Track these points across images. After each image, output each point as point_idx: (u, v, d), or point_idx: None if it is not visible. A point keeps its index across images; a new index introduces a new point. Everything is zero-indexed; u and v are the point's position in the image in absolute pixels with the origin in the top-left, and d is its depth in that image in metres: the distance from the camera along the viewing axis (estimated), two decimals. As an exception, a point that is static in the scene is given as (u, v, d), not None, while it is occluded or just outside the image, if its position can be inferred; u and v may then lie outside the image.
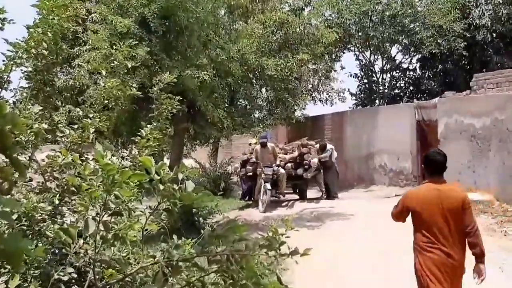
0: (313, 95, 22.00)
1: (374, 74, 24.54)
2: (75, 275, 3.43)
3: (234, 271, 2.73)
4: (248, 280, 2.71)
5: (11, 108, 4.34)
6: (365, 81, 25.23)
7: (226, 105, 12.20)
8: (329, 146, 16.30)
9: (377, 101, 24.40)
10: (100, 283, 3.20)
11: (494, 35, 20.72)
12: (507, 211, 11.59)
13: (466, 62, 22.81)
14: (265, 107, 14.59)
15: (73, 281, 3.44)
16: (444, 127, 14.71)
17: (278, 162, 15.11)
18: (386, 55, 23.61)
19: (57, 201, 3.93)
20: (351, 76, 25.23)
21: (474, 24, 20.40)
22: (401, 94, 25.19)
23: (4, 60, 4.49)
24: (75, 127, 4.49)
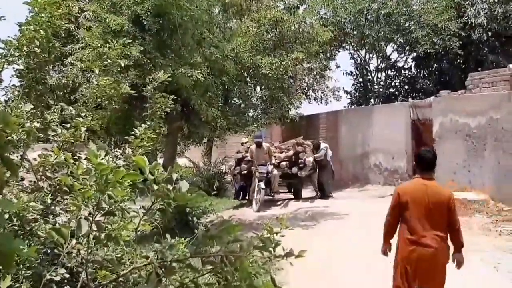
0: (308, 94, 22.07)
1: (369, 73, 24.57)
2: (67, 276, 3.42)
3: (228, 272, 2.73)
4: (242, 282, 2.72)
5: (3, 107, 4.39)
6: (360, 80, 25.27)
7: (220, 104, 12.20)
8: (323, 145, 16.23)
9: (372, 100, 24.45)
10: (93, 284, 3.20)
11: (490, 34, 20.74)
12: (502, 211, 11.54)
13: (462, 61, 22.84)
14: (260, 106, 14.59)
15: (65, 282, 3.43)
16: (439, 127, 14.66)
17: (274, 161, 15.07)
18: (381, 54, 23.64)
19: (50, 201, 3.93)
20: (346, 74, 25.34)
21: (470, 23, 20.42)
22: (396, 93, 25.23)
23: (-4, 58, 4.47)
24: (68, 126, 4.47)
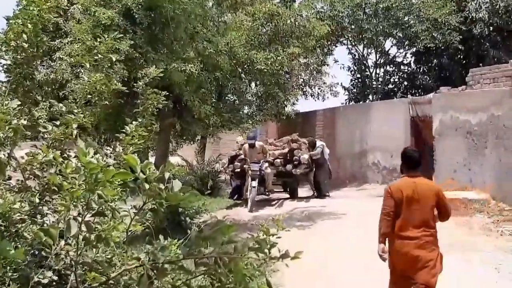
0: (305, 90, 21.87)
1: (368, 69, 24.50)
2: (56, 278, 3.36)
3: (222, 274, 2.75)
4: (237, 284, 2.76)
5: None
6: (358, 76, 25.19)
7: (214, 100, 12.12)
8: (319, 143, 16.04)
9: (370, 97, 24.38)
10: (82, 286, 3.19)
11: (491, 29, 20.60)
12: (504, 210, 11.51)
13: (462, 57, 22.77)
14: (255, 103, 14.45)
15: (54, 284, 3.38)
16: (439, 123, 14.56)
17: (268, 158, 14.81)
18: (380, 49, 23.58)
19: (37, 200, 3.90)
20: (343, 68, 25.26)
21: (471, 17, 20.34)
22: (395, 89, 25.18)
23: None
24: (57, 123, 4.44)
